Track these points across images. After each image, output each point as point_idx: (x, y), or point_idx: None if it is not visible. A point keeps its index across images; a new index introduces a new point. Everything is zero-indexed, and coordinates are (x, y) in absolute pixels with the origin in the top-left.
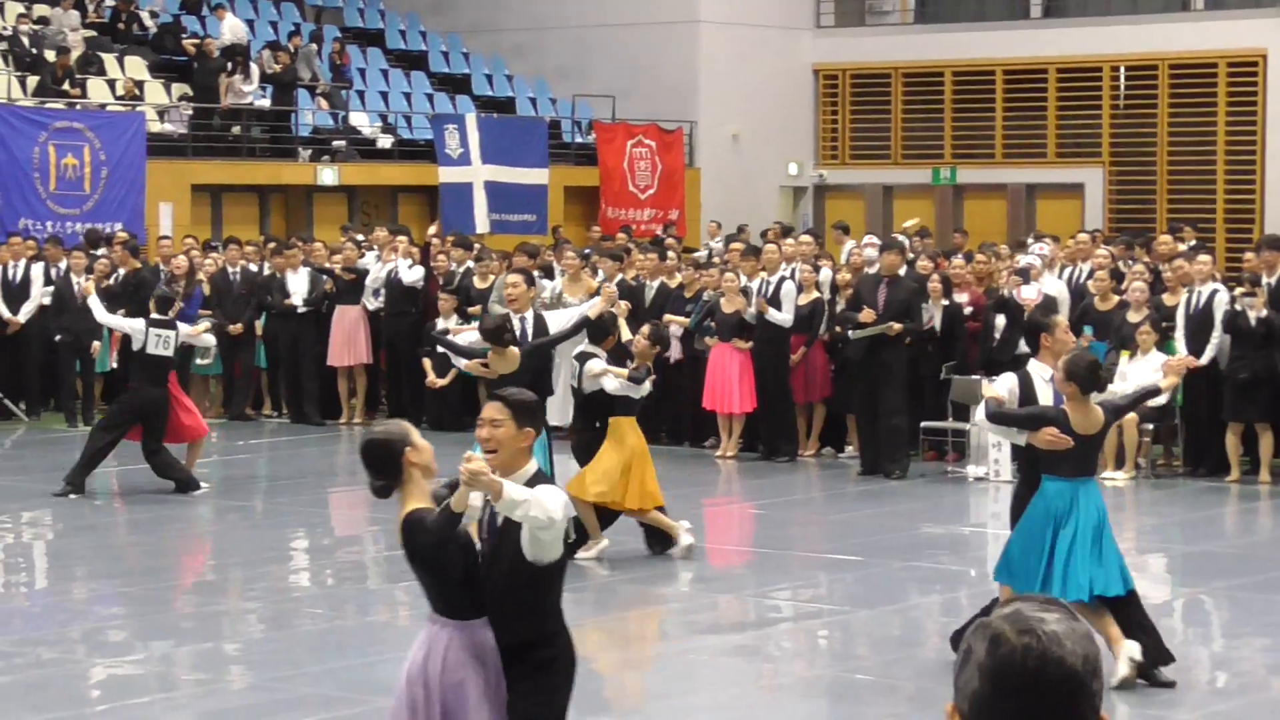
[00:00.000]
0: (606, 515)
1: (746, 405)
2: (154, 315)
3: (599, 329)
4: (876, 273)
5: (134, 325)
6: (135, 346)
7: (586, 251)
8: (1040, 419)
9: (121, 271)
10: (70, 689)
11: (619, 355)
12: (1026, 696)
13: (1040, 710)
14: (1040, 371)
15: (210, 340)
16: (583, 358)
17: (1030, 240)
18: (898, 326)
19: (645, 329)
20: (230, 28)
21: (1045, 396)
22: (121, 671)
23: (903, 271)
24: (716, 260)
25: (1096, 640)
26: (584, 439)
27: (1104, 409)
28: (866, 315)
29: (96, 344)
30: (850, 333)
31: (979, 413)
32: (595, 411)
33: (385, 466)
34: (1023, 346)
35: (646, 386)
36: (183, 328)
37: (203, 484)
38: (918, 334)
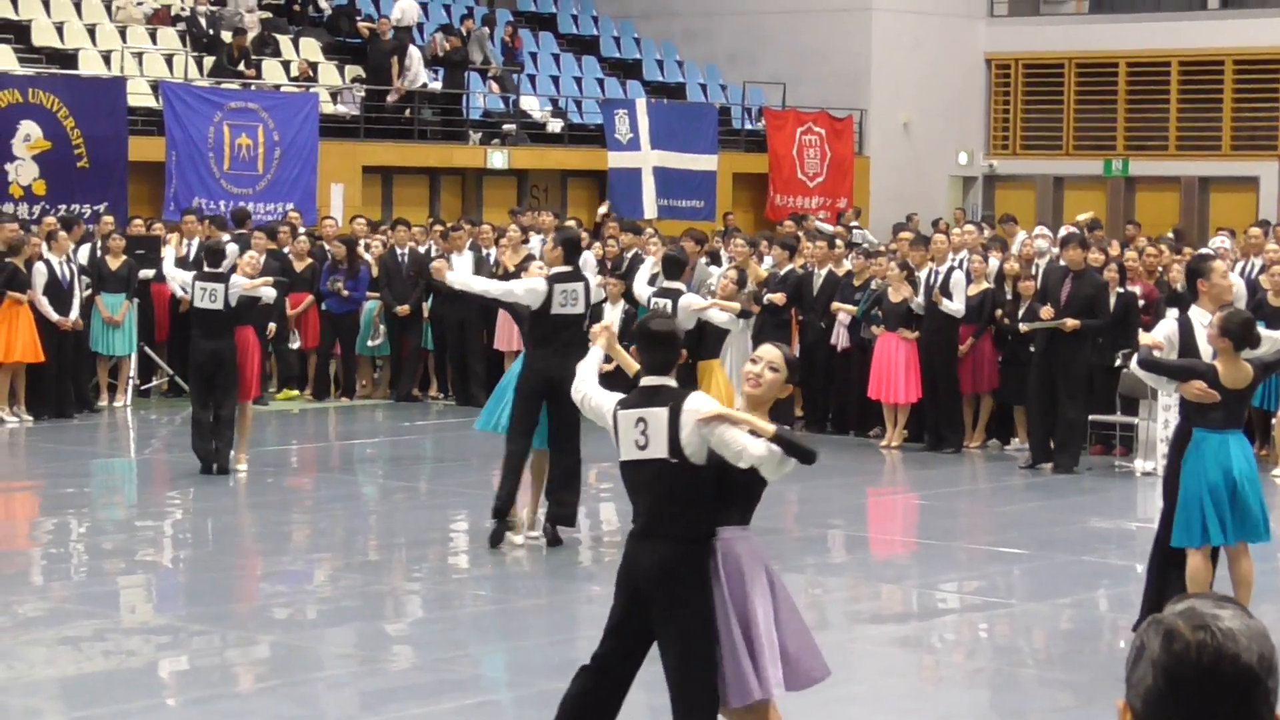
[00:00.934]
0: None
1: (912, 395)
2: (205, 269)
3: (675, 262)
4: (1062, 265)
5: (183, 278)
6: (187, 301)
7: (763, 236)
8: (1190, 371)
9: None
10: (235, 666)
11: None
12: (1202, 693)
13: (1216, 707)
14: (1200, 317)
15: (269, 293)
16: (668, 294)
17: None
18: (1072, 323)
19: (731, 272)
20: (403, 8)
21: (1205, 344)
22: (285, 649)
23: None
24: (884, 249)
25: (1272, 638)
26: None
27: (1253, 365)
28: (1047, 313)
29: (272, 325)
30: (1021, 324)
31: (1134, 359)
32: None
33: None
34: None
35: (741, 323)
36: (236, 280)
37: (240, 470)
38: (1097, 331)
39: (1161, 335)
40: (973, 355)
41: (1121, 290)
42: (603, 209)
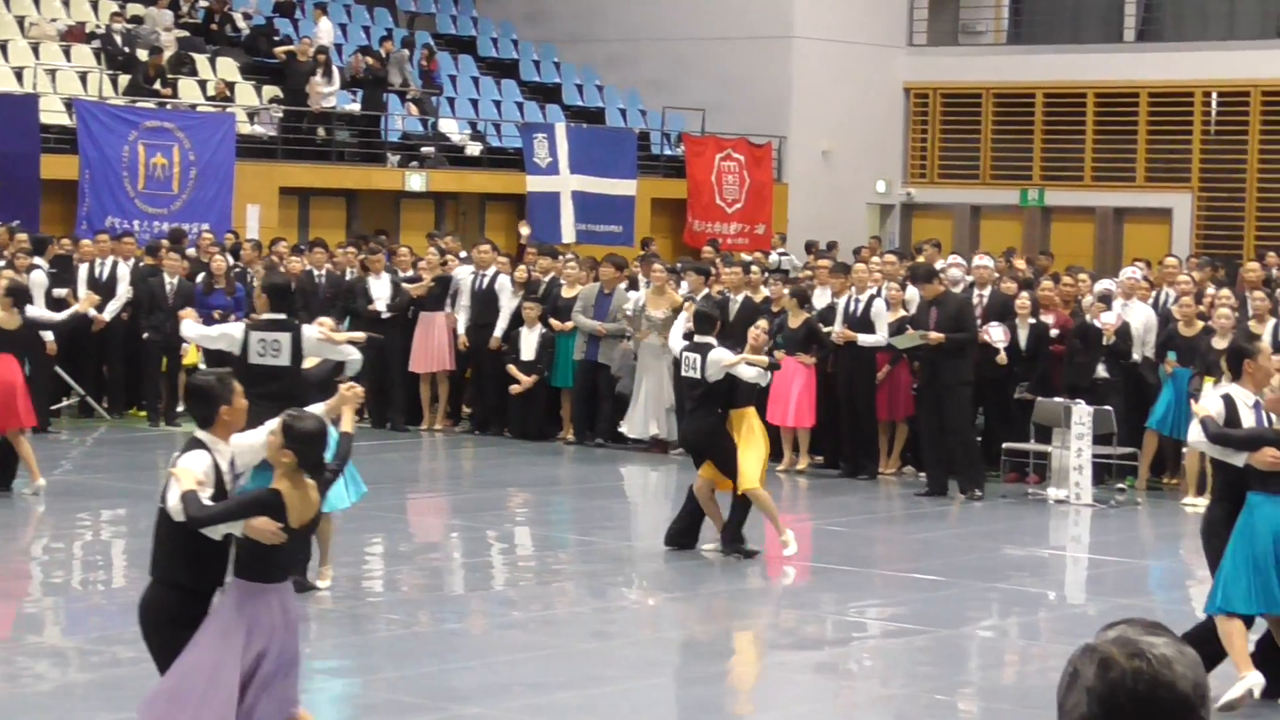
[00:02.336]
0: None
1: (805, 420)
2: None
3: (706, 318)
4: (923, 300)
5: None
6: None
7: (679, 265)
8: (1259, 440)
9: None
10: (145, 688)
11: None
12: None
13: None
14: (1243, 396)
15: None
16: (698, 349)
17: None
18: (936, 336)
19: (762, 322)
20: (324, 29)
21: (1248, 420)
22: None
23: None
24: (802, 275)
25: (1202, 668)
26: (705, 428)
27: None
28: (909, 333)
29: (186, 345)
30: (892, 340)
31: (1195, 432)
32: (716, 401)
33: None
34: (1100, 371)
35: (769, 375)
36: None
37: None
38: (969, 346)
39: (1214, 409)
40: (889, 382)
41: (1034, 321)
42: (524, 230)
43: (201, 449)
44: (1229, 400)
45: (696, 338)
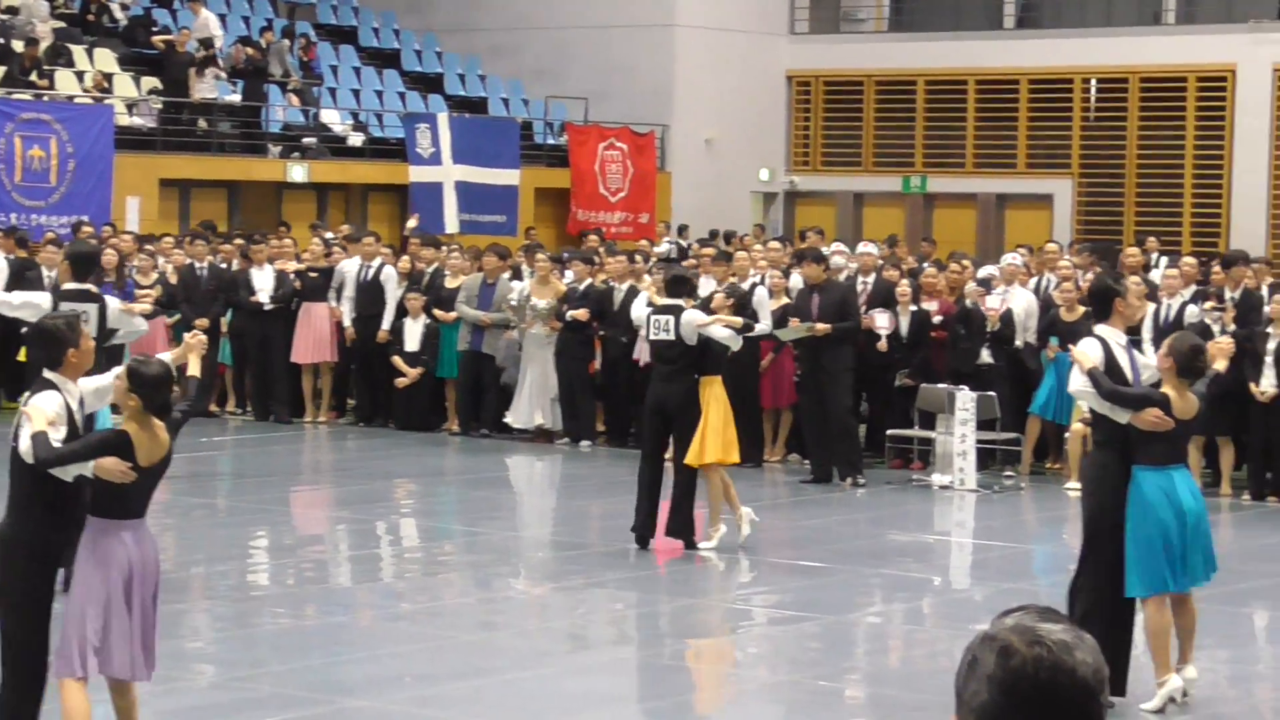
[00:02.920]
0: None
1: None
2: None
3: (681, 280)
4: (805, 284)
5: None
6: None
7: (564, 255)
8: (1146, 400)
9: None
10: None
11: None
12: (1038, 708)
13: None
14: (1114, 337)
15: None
16: (670, 310)
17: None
18: (823, 327)
19: (723, 289)
20: (203, 21)
21: (1123, 361)
22: None
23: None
24: (687, 263)
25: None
26: (683, 391)
27: (1198, 395)
28: (795, 324)
29: None
30: (777, 331)
31: (1078, 381)
32: (691, 364)
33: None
34: (985, 357)
35: (741, 339)
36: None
37: None
38: (854, 334)
39: (1095, 357)
40: (773, 370)
41: (915, 308)
42: (411, 223)
43: (52, 389)
44: (1105, 345)
45: (668, 300)
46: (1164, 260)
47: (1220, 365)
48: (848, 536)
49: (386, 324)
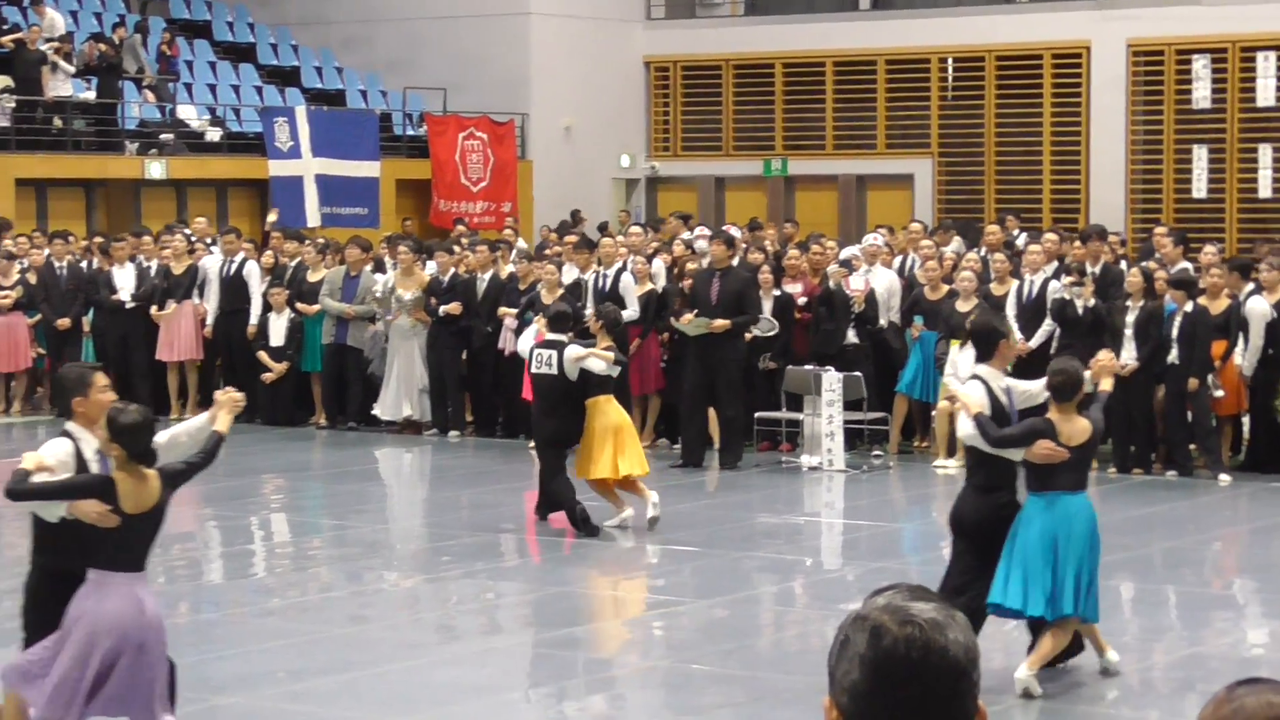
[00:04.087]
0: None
1: None
2: None
3: (563, 316)
4: (709, 266)
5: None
6: None
7: (431, 245)
8: (1034, 434)
9: None
10: None
11: None
12: (911, 687)
13: (924, 700)
14: (994, 378)
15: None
16: (553, 345)
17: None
18: (721, 323)
19: (592, 312)
20: (49, 21)
21: (1004, 401)
22: None
23: (735, 263)
24: (549, 251)
25: (971, 630)
26: (573, 424)
27: (1090, 419)
28: (685, 320)
29: None
30: (677, 325)
31: (966, 427)
32: (576, 395)
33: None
34: (850, 337)
35: (617, 368)
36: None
37: None
38: (752, 325)
39: (979, 401)
40: (640, 356)
41: (778, 292)
42: (271, 218)
43: (63, 437)
44: (987, 387)
45: (551, 336)
46: (1024, 237)
47: (1105, 385)
48: (718, 520)
49: (254, 319)
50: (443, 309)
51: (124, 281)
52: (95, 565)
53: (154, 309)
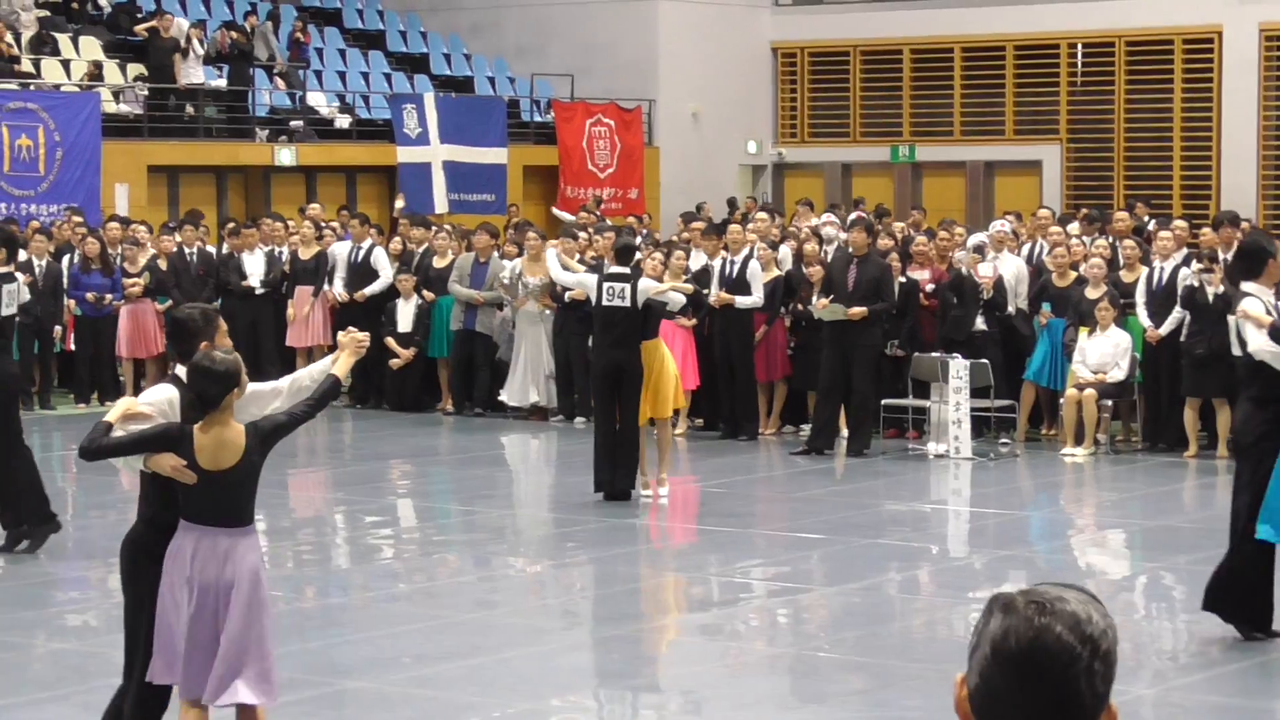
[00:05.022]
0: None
1: (689, 383)
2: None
3: (629, 249)
4: (847, 251)
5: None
6: None
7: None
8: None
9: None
10: (26, 672)
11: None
12: (1022, 668)
13: (1035, 684)
14: (1267, 295)
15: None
16: (622, 278)
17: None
18: (858, 312)
19: (658, 255)
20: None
21: (1275, 315)
22: (86, 652)
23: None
24: (675, 238)
25: (1115, 627)
26: (634, 355)
27: None
28: (821, 305)
29: (59, 327)
30: (814, 311)
31: (1258, 340)
32: (640, 329)
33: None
34: (980, 324)
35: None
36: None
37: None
38: (887, 314)
39: (1265, 314)
40: (766, 343)
41: (904, 279)
42: (399, 204)
43: (170, 383)
44: (1261, 301)
45: (617, 268)
46: (1154, 223)
47: None
48: (844, 508)
49: (371, 290)
50: (569, 295)
51: (254, 267)
52: (187, 518)
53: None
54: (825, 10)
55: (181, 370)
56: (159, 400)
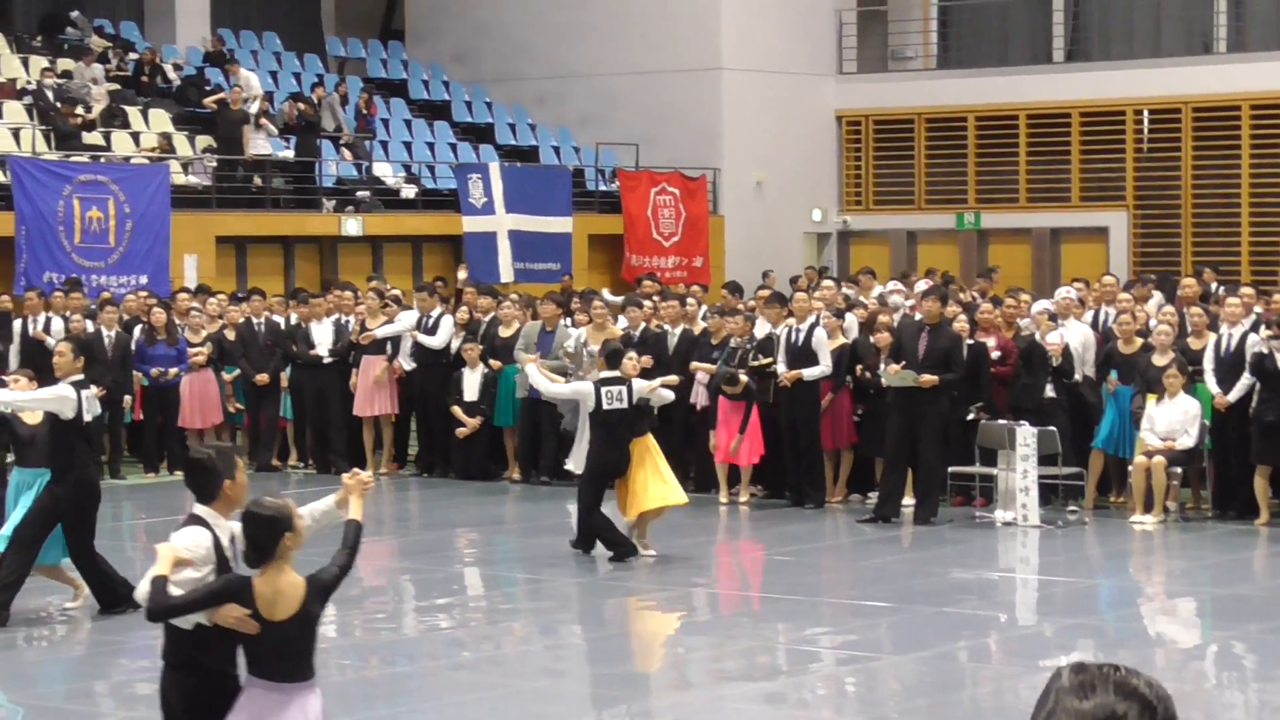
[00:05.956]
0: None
1: (754, 454)
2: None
3: (620, 353)
4: (916, 319)
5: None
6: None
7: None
8: None
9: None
10: None
11: None
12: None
13: None
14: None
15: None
16: (620, 381)
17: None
18: (929, 379)
19: (633, 353)
20: (244, 81)
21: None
22: (135, 712)
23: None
24: (742, 307)
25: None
26: (623, 457)
27: None
28: (892, 370)
29: (128, 397)
30: (883, 379)
31: None
32: (634, 428)
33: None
34: (1048, 391)
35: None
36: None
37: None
38: (954, 384)
39: None
40: (832, 410)
41: (971, 342)
42: (461, 275)
43: (199, 525)
44: None
45: (609, 373)
46: (1222, 290)
47: None
48: (911, 575)
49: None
50: None
51: (321, 337)
52: (253, 673)
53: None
54: (890, 78)
55: (201, 509)
56: (196, 548)
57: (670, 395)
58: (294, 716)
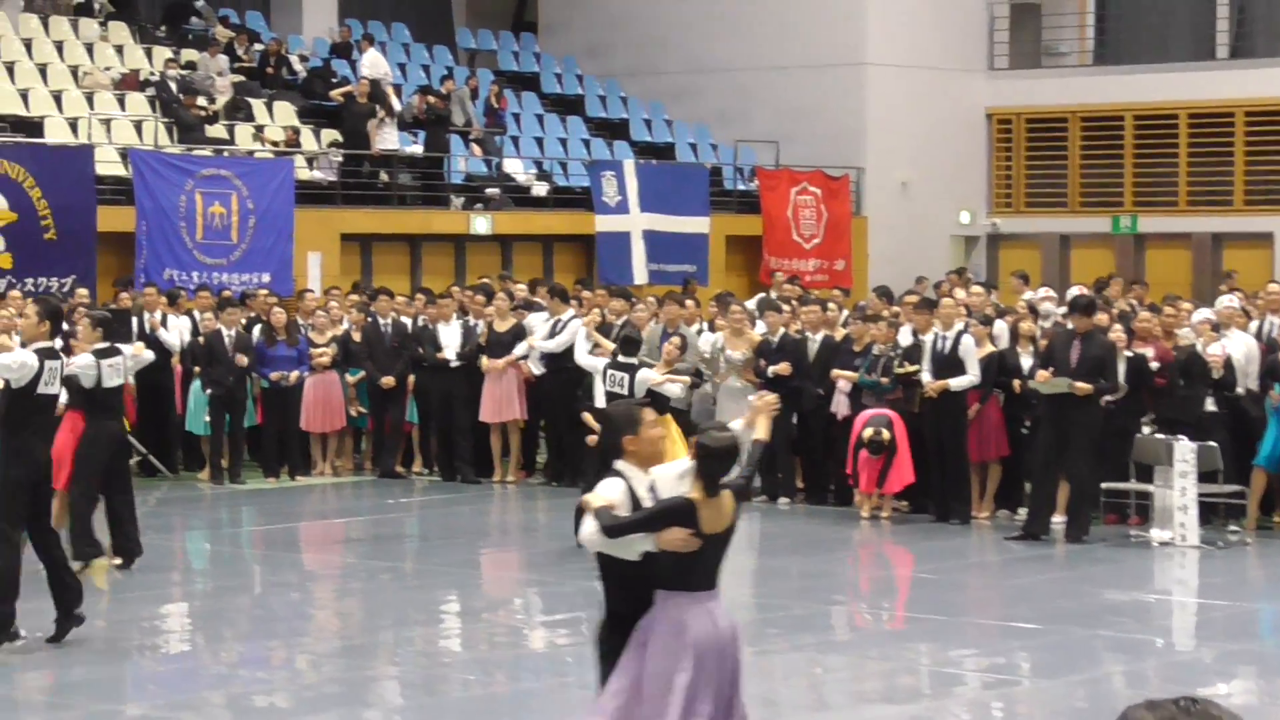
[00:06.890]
0: None
1: (904, 480)
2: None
3: (632, 342)
4: (1070, 329)
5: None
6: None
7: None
8: None
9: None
10: None
11: None
12: None
13: None
14: None
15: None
16: (625, 368)
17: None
18: (1084, 387)
19: (675, 339)
20: (370, 63)
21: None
22: None
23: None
24: (886, 313)
25: None
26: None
27: None
28: (1042, 377)
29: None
30: (1033, 385)
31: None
32: None
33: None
34: (1209, 405)
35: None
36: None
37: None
38: (1110, 394)
39: None
40: (979, 422)
41: (1130, 354)
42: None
43: (617, 477)
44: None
45: (622, 358)
46: None
47: None
48: (1061, 595)
49: (554, 346)
50: (771, 370)
51: (449, 339)
52: (664, 587)
53: (483, 360)
54: (1043, 75)
55: (622, 464)
56: (617, 496)
57: (678, 390)
58: (722, 620)
